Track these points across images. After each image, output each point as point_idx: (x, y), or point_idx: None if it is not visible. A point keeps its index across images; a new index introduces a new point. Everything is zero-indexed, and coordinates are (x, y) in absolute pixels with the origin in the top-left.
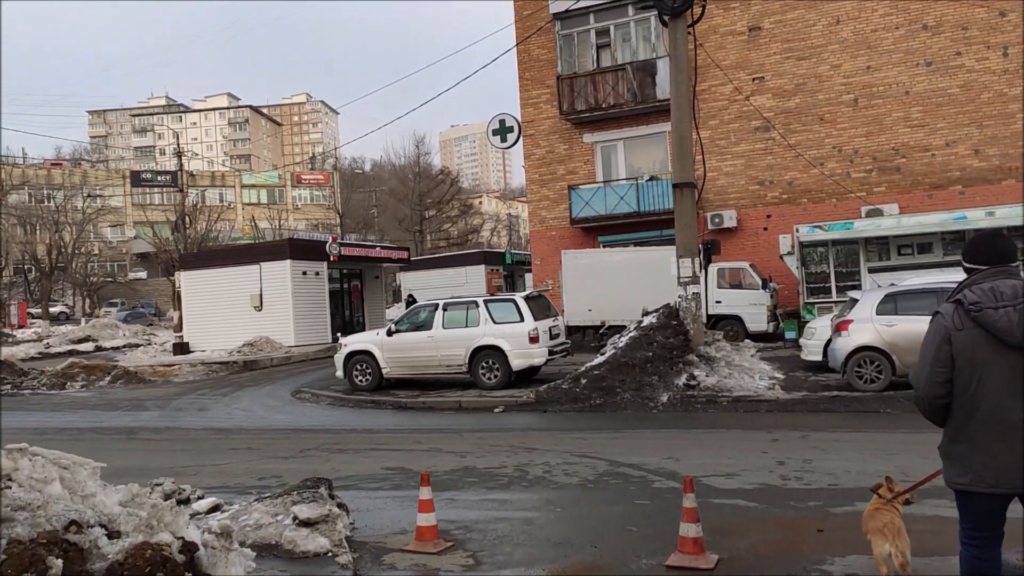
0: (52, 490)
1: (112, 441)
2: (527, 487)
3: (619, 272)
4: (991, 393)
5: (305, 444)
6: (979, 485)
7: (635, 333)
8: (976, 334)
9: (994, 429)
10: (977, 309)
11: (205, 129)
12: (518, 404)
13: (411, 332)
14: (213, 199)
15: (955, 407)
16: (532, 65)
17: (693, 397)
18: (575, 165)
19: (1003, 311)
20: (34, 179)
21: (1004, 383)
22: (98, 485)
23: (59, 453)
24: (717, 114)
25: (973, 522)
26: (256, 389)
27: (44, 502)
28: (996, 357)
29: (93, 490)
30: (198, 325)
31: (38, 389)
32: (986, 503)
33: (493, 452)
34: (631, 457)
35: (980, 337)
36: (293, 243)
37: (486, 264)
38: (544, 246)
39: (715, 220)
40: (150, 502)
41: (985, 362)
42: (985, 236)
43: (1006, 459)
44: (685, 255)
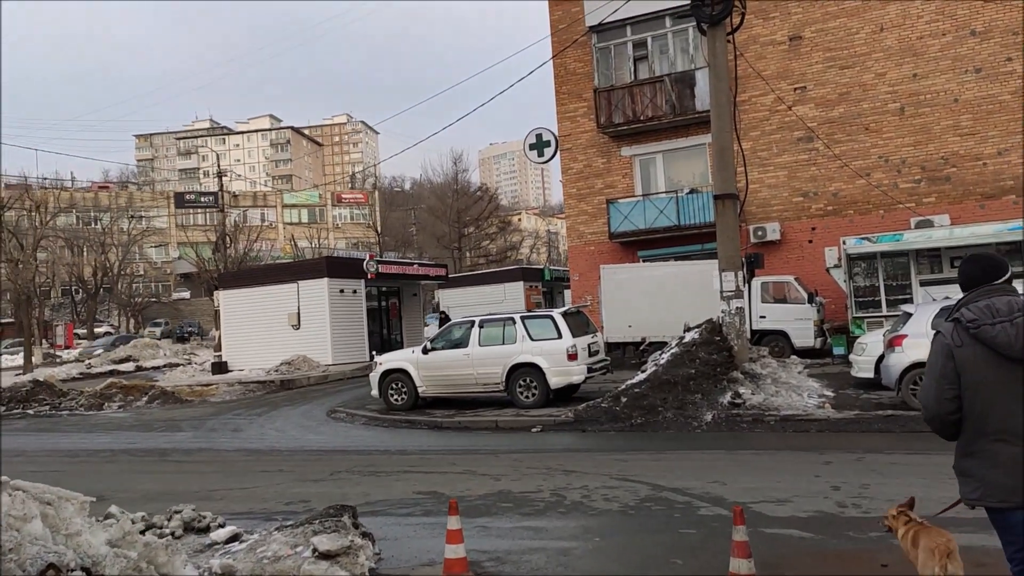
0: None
1: (144, 463)
2: (564, 513)
3: (660, 287)
4: (997, 407)
5: (337, 466)
6: (990, 500)
7: (677, 349)
8: (977, 350)
9: (1004, 441)
10: (975, 326)
11: (248, 150)
12: (556, 423)
13: (447, 350)
14: (255, 219)
15: (965, 423)
16: (569, 78)
17: (738, 416)
18: (613, 179)
19: (1000, 326)
20: (81, 202)
21: (1008, 396)
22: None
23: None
24: (758, 125)
25: (1008, 536)
26: (291, 409)
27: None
28: (998, 371)
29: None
30: (237, 344)
31: (76, 410)
32: (1008, 517)
33: (529, 475)
34: (674, 480)
35: (981, 353)
36: (330, 261)
37: (525, 281)
38: (583, 261)
39: (758, 233)
40: (142, 541)
41: (988, 377)
42: (976, 256)
43: (1018, 470)
44: (728, 268)
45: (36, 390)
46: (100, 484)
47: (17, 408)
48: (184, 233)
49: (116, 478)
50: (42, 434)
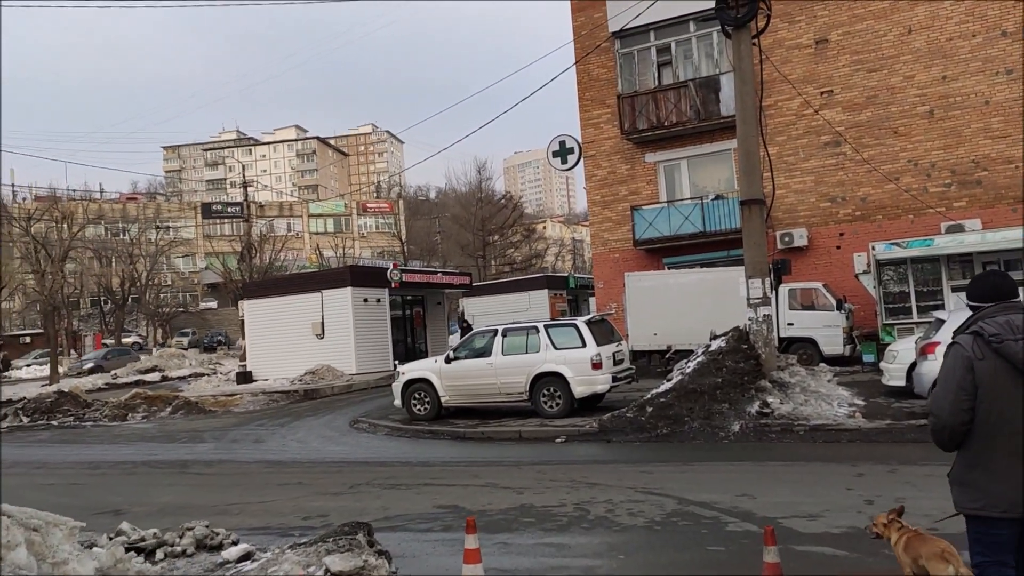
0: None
1: (163, 475)
2: (587, 529)
3: (685, 294)
4: (1010, 421)
5: (357, 479)
6: (992, 511)
7: (703, 358)
8: (997, 364)
9: (1014, 455)
10: (998, 340)
11: (274, 161)
12: (580, 434)
13: (470, 359)
14: (281, 229)
15: (973, 434)
16: (592, 85)
17: (767, 426)
18: (638, 185)
19: (1022, 343)
20: (110, 213)
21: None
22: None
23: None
24: (784, 130)
25: (985, 547)
26: (314, 419)
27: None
28: (1016, 386)
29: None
30: (261, 354)
31: (100, 421)
32: (999, 529)
33: (552, 488)
34: (701, 494)
35: (1001, 367)
36: (354, 270)
37: (549, 288)
38: (607, 269)
39: (785, 239)
40: (135, 569)
41: (1005, 391)
42: (989, 274)
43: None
44: (755, 275)
45: (61, 401)
46: (118, 497)
47: (42, 419)
48: (209, 243)
49: (135, 491)
50: (65, 445)
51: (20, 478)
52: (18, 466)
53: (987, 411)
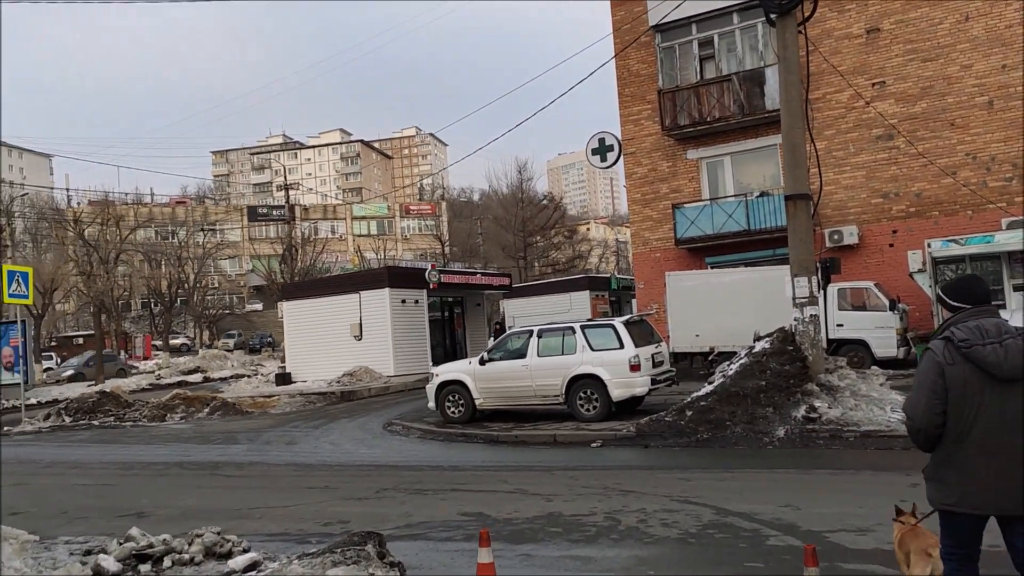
0: None
1: (193, 477)
2: (617, 541)
3: (728, 294)
4: (981, 422)
5: (384, 483)
6: (964, 507)
7: (746, 360)
8: (966, 368)
9: (984, 455)
10: (967, 346)
11: (319, 164)
12: (617, 438)
13: (505, 360)
14: (325, 231)
15: (946, 435)
16: (632, 80)
17: (814, 431)
18: (679, 183)
19: (990, 347)
20: (159, 217)
21: (993, 413)
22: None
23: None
24: (833, 123)
25: (955, 540)
26: (349, 421)
27: None
28: (985, 389)
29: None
30: (300, 355)
31: (139, 421)
32: (969, 523)
33: (584, 495)
34: (741, 503)
35: (970, 371)
36: (392, 271)
37: (591, 290)
38: (648, 269)
39: (834, 237)
40: None
41: (976, 394)
42: (966, 279)
43: (994, 483)
44: (801, 273)
45: (102, 401)
46: (145, 499)
47: (83, 419)
48: (252, 246)
49: (162, 493)
50: (104, 445)
51: (54, 478)
52: (55, 466)
53: (958, 413)
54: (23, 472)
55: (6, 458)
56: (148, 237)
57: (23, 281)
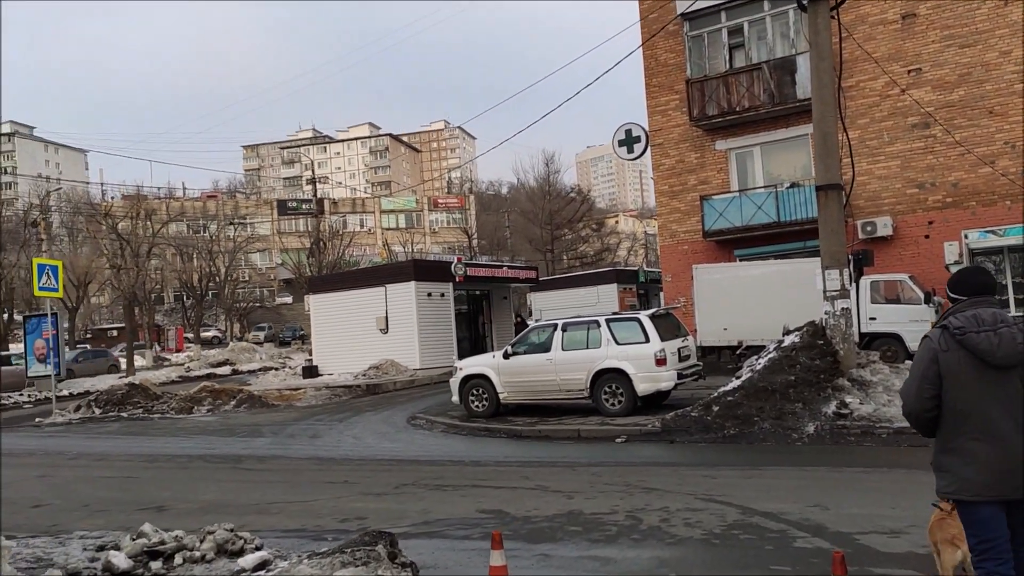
0: None
1: (215, 471)
2: (638, 541)
3: (757, 287)
4: (977, 408)
5: (404, 478)
6: (964, 494)
7: (775, 354)
8: (961, 355)
9: (980, 440)
10: (961, 333)
11: (348, 158)
12: (642, 433)
13: (529, 354)
14: (354, 224)
15: (944, 421)
16: (659, 70)
17: (845, 428)
18: (707, 174)
19: (984, 335)
20: (191, 211)
21: (988, 398)
22: None
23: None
24: (867, 112)
25: (974, 530)
26: (374, 414)
27: None
28: (979, 375)
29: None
30: (327, 348)
31: (166, 413)
32: (978, 510)
33: (606, 492)
34: (768, 503)
35: (964, 358)
36: (418, 264)
37: (619, 283)
38: (675, 262)
39: (867, 228)
40: None
41: (971, 381)
42: (969, 270)
43: (992, 468)
44: (832, 265)
45: (131, 393)
46: (166, 492)
47: (113, 411)
48: (279, 239)
49: (183, 486)
50: (130, 437)
51: (79, 470)
52: (81, 458)
53: (953, 399)
54: (49, 464)
55: (35, 449)
56: (180, 231)
57: (53, 274)
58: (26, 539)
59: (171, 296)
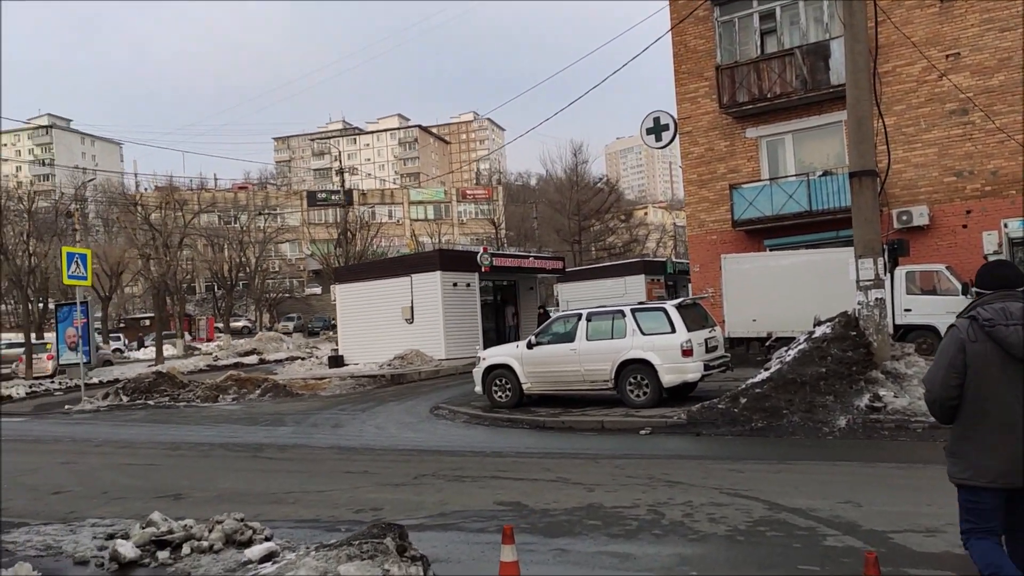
0: None
1: (235, 459)
2: (658, 537)
3: (788, 278)
4: (999, 399)
5: (424, 469)
6: (978, 480)
7: (805, 345)
8: (989, 347)
9: (1000, 431)
10: (991, 325)
11: (377, 150)
12: (667, 426)
13: (553, 344)
14: (383, 215)
15: (964, 410)
16: (689, 57)
17: (878, 422)
18: (737, 163)
19: (1013, 328)
20: (222, 202)
21: (1011, 391)
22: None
23: None
24: (903, 98)
25: (975, 516)
26: (397, 404)
27: None
28: (1005, 368)
29: None
30: (352, 338)
31: (192, 402)
32: (985, 497)
33: (627, 486)
34: (796, 499)
35: (992, 350)
36: (444, 254)
37: (647, 274)
38: (703, 252)
39: (902, 217)
40: None
41: (995, 372)
42: (996, 264)
43: (1006, 457)
44: (866, 255)
45: (158, 381)
46: (184, 481)
47: (140, 399)
48: (307, 230)
49: (202, 475)
50: (156, 425)
51: (103, 457)
52: (105, 445)
53: (976, 389)
54: (74, 451)
55: (62, 436)
56: (211, 222)
57: (82, 263)
58: (39, 526)
59: (202, 286)
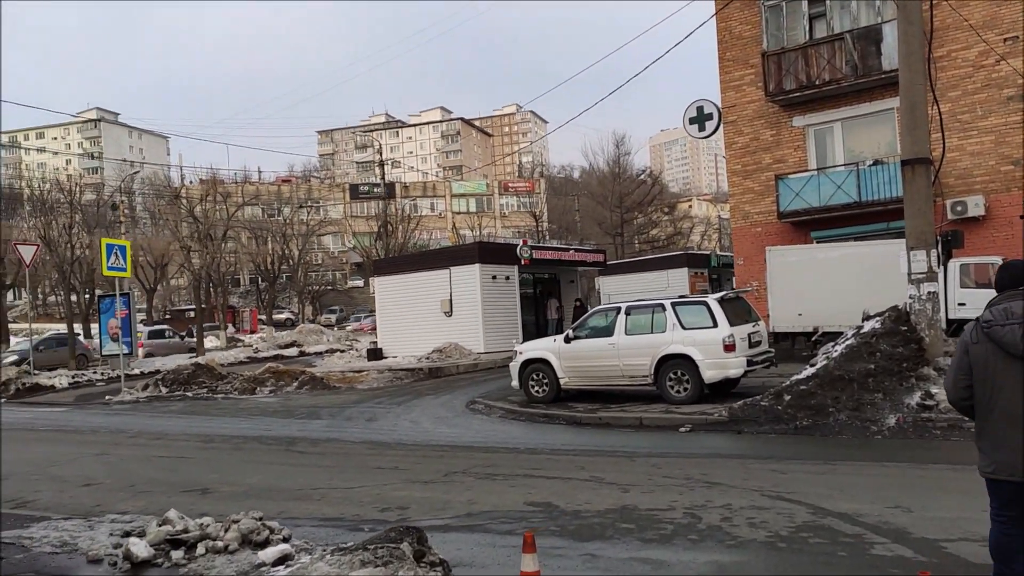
0: None
1: (267, 453)
2: (695, 543)
3: (835, 271)
4: (1004, 396)
5: (455, 465)
6: (1001, 474)
7: (853, 341)
8: (989, 347)
9: (1008, 426)
10: (988, 326)
11: (419, 142)
12: (708, 423)
13: (591, 339)
14: (425, 208)
15: (977, 408)
16: (734, 44)
17: (930, 421)
18: (783, 152)
19: (1009, 328)
20: (265, 195)
21: (1014, 387)
22: None
23: None
24: (959, 84)
25: (999, 503)
26: (434, 398)
27: None
28: (1007, 366)
29: None
30: (391, 331)
31: (230, 394)
32: (1009, 489)
33: (664, 486)
34: (842, 502)
35: (992, 350)
36: (483, 246)
37: (690, 267)
38: (748, 244)
39: (957, 208)
40: None
41: (998, 370)
42: (1008, 265)
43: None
44: (918, 246)
45: (197, 373)
46: (213, 474)
47: (179, 390)
48: (347, 222)
49: (232, 468)
50: (192, 416)
51: (137, 449)
52: (140, 436)
53: (982, 388)
54: (108, 442)
55: (99, 427)
56: (255, 215)
57: (121, 254)
58: (59, 521)
59: (247, 279)
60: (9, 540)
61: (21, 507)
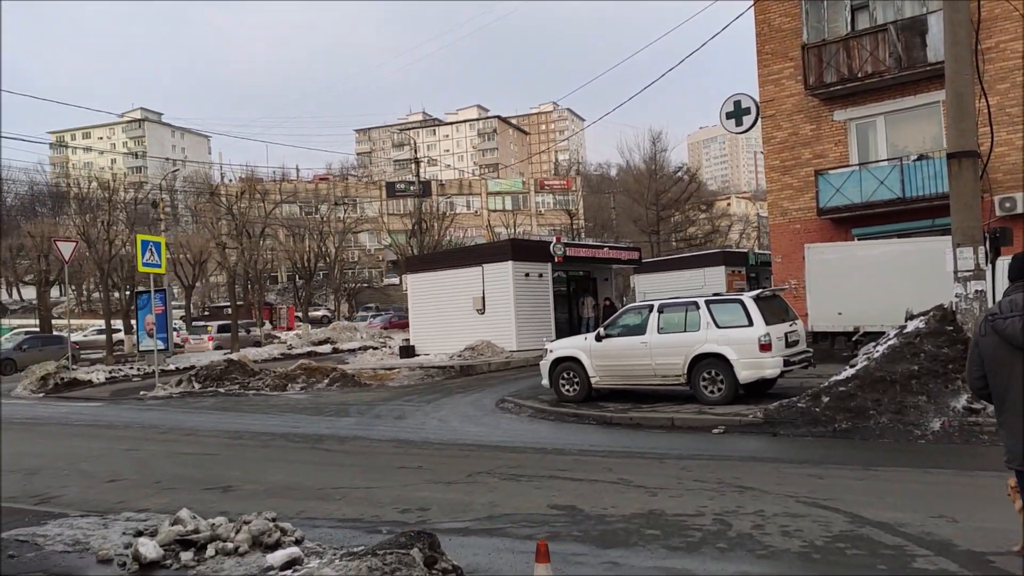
0: None
1: (293, 451)
2: (723, 552)
3: (877, 269)
4: (1011, 386)
5: (480, 466)
6: (1014, 464)
7: (895, 341)
8: (995, 340)
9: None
10: (992, 319)
11: (456, 141)
12: (742, 424)
13: (622, 337)
14: (461, 206)
15: (994, 400)
16: (773, 36)
17: (977, 425)
18: (823, 147)
19: (1010, 320)
20: (303, 193)
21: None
22: None
23: None
24: (1008, 75)
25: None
26: (464, 396)
27: None
28: (1011, 357)
29: None
30: (424, 328)
31: (261, 390)
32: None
33: (693, 491)
34: (882, 511)
35: (998, 342)
36: (515, 243)
37: (727, 265)
38: (786, 241)
39: (1006, 204)
40: None
41: (1004, 362)
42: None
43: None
44: (964, 243)
45: (230, 369)
46: (237, 471)
47: (211, 386)
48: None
49: (256, 466)
50: (223, 412)
51: (166, 445)
52: (170, 432)
53: (993, 379)
54: (139, 437)
55: (131, 422)
56: (292, 212)
57: (156, 251)
58: (75, 518)
59: (284, 276)
60: (23, 538)
61: (45, 503)
